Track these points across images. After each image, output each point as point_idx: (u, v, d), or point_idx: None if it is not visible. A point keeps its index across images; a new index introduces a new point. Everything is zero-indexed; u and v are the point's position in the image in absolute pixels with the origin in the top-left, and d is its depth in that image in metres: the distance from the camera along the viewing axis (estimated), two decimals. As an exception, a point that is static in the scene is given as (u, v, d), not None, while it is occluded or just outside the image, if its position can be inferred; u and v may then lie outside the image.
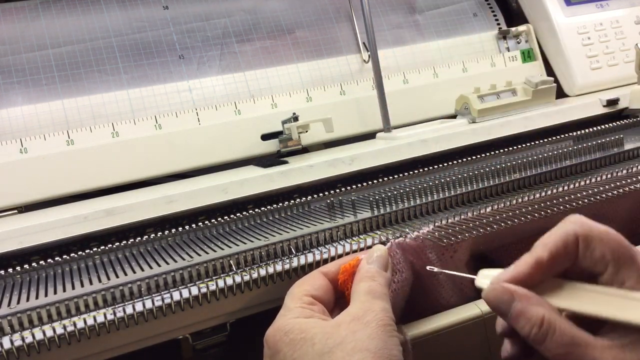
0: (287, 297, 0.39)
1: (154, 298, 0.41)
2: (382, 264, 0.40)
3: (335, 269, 0.41)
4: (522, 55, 0.89)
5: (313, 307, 0.38)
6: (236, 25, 0.79)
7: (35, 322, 0.39)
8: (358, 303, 0.37)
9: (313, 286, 0.39)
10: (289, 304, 0.38)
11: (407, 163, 0.66)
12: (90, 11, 0.75)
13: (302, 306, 0.37)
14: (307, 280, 0.40)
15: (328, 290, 0.40)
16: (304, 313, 0.37)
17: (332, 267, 0.42)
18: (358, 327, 0.34)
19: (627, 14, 0.91)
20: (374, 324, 0.34)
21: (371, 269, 0.40)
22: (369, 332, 0.34)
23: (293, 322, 0.36)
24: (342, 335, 0.34)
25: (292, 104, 0.77)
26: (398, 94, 0.81)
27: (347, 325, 0.34)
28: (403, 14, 0.88)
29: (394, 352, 0.34)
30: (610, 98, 0.77)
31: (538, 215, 0.47)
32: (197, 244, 0.50)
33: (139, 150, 0.70)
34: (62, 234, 0.53)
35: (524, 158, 0.58)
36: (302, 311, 0.37)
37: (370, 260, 0.40)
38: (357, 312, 0.36)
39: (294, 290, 0.39)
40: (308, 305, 0.38)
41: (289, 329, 0.35)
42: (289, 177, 0.62)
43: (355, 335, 0.34)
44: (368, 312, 0.35)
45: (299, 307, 0.37)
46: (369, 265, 0.40)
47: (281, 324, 0.36)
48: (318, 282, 0.40)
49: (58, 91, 0.70)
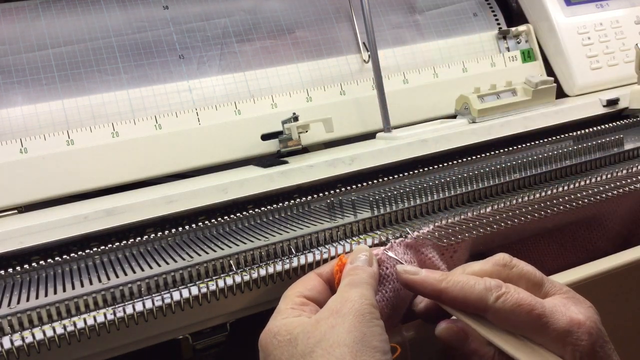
0: (281, 299, 0.39)
1: (154, 298, 0.41)
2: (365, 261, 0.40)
3: (330, 269, 0.41)
4: (522, 55, 0.89)
5: (304, 308, 0.37)
6: (236, 25, 0.79)
7: (35, 322, 0.39)
8: (336, 295, 0.37)
9: (306, 287, 0.39)
10: (281, 306, 0.38)
11: (407, 163, 0.66)
12: (90, 11, 0.75)
13: (293, 307, 0.37)
14: (301, 281, 0.40)
15: (322, 290, 0.40)
16: (294, 313, 0.37)
17: (327, 267, 0.42)
18: (336, 322, 0.34)
19: (627, 14, 0.91)
20: (350, 316, 0.34)
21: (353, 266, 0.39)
22: (347, 326, 0.33)
23: (281, 323, 0.36)
24: (321, 332, 0.33)
25: (292, 104, 0.77)
26: (398, 94, 0.81)
27: (326, 321, 0.34)
28: (403, 14, 0.88)
29: (374, 342, 0.33)
30: (610, 98, 0.77)
31: (538, 215, 0.47)
32: (197, 244, 0.50)
33: (139, 150, 0.70)
34: (62, 234, 0.53)
35: (524, 158, 0.58)
36: (292, 312, 0.37)
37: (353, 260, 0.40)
38: (334, 305, 0.35)
39: (287, 292, 0.39)
40: (299, 305, 0.37)
41: (277, 331, 0.35)
42: (289, 177, 0.62)
43: (333, 330, 0.33)
44: (345, 304, 0.35)
45: (289, 308, 0.37)
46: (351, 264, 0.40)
47: (271, 327, 0.36)
48: (311, 283, 0.40)
49: (58, 91, 0.70)
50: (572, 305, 0.36)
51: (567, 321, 0.35)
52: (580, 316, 0.35)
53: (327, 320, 0.34)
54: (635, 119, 0.74)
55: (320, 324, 0.34)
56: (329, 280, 0.41)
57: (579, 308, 0.36)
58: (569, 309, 0.35)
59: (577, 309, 0.36)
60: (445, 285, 0.37)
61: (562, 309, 0.35)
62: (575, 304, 0.36)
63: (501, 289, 0.36)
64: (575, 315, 0.35)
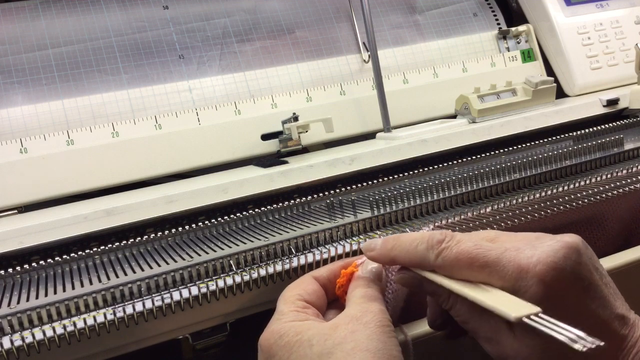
0: (280, 301, 0.39)
1: (154, 298, 0.41)
2: (376, 275, 0.40)
3: (326, 273, 0.41)
4: (522, 55, 0.89)
5: (307, 311, 0.38)
6: (236, 25, 0.79)
7: (35, 322, 0.39)
8: (355, 305, 0.37)
9: (306, 290, 0.39)
10: (283, 308, 0.38)
11: (407, 163, 0.66)
12: (90, 11, 0.75)
13: (297, 309, 0.37)
14: (299, 284, 0.40)
15: (320, 295, 0.40)
16: (299, 317, 0.37)
17: (323, 271, 0.42)
18: (357, 328, 0.34)
19: (627, 14, 0.91)
20: (372, 325, 0.34)
21: (365, 277, 0.40)
22: (368, 333, 0.34)
23: (288, 325, 0.36)
24: (341, 335, 0.34)
25: (292, 104, 0.77)
26: (398, 94, 0.81)
27: (346, 326, 0.34)
28: (403, 14, 0.88)
29: (394, 352, 0.33)
30: (610, 98, 0.77)
31: (538, 215, 0.47)
32: (197, 244, 0.50)
33: (139, 150, 0.70)
34: (62, 234, 0.53)
35: (524, 158, 0.58)
36: (297, 315, 0.37)
37: (364, 271, 0.41)
38: (355, 313, 0.36)
39: (286, 294, 0.39)
40: (302, 309, 0.38)
41: (284, 332, 0.35)
42: (289, 177, 0.62)
43: (354, 335, 0.34)
44: (366, 313, 0.35)
45: (293, 310, 0.37)
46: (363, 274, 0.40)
47: (275, 328, 0.36)
48: (310, 287, 0.40)
49: (58, 91, 0.70)
50: (528, 248, 0.33)
51: (514, 268, 0.33)
52: (532, 260, 0.32)
53: (347, 326, 0.34)
54: (635, 119, 0.74)
55: (340, 328, 0.34)
56: (325, 285, 0.41)
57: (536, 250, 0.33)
58: (520, 254, 0.33)
59: (531, 252, 0.33)
60: (394, 253, 0.38)
61: (511, 254, 0.33)
62: (533, 246, 0.33)
63: (441, 245, 0.35)
64: (525, 261, 0.32)
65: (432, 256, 0.35)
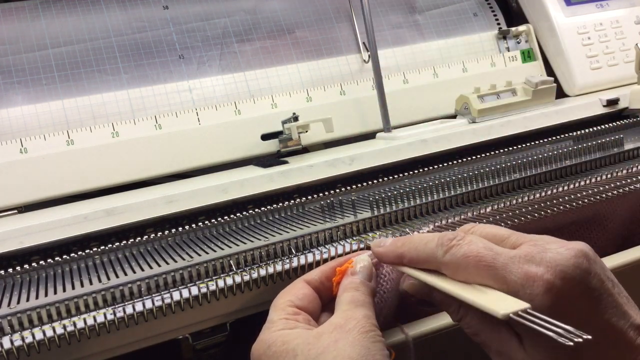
0: (271, 309, 0.39)
1: (154, 298, 0.41)
2: (367, 275, 0.40)
3: (318, 275, 0.41)
4: (522, 55, 0.89)
5: (297, 317, 0.37)
6: (236, 25, 0.79)
7: (35, 322, 0.39)
8: (340, 312, 0.37)
9: (297, 296, 0.39)
10: (273, 316, 0.38)
11: (407, 163, 0.66)
12: (90, 11, 0.75)
13: (287, 317, 0.37)
14: (290, 290, 0.40)
15: (312, 299, 0.40)
16: (288, 324, 0.36)
17: (315, 274, 0.41)
18: (340, 336, 0.34)
19: (627, 14, 0.91)
20: (355, 332, 0.34)
21: (355, 279, 0.39)
22: (350, 340, 0.33)
23: (276, 334, 0.36)
24: (324, 344, 0.33)
25: (292, 104, 0.77)
26: (398, 94, 0.81)
27: (329, 335, 0.34)
28: (403, 14, 0.88)
29: (377, 357, 0.33)
30: (610, 98, 0.77)
31: (538, 215, 0.47)
32: (197, 244, 0.50)
33: (139, 150, 0.70)
34: (62, 234, 0.53)
35: (524, 158, 0.58)
36: (287, 323, 0.37)
37: (354, 271, 0.40)
38: (338, 321, 0.35)
39: (277, 301, 0.39)
40: (292, 315, 0.37)
41: (272, 342, 0.35)
42: (289, 177, 0.62)
43: (337, 344, 0.33)
44: (349, 320, 0.35)
45: (282, 318, 0.37)
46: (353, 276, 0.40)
47: (264, 338, 0.36)
48: (301, 292, 0.40)
49: (58, 91, 0.70)
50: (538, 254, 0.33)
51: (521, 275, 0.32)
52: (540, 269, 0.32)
53: (331, 335, 0.34)
54: (635, 119, 0.74)
55: (323, 337, 0.34)
56: (318, 288, 0.40)
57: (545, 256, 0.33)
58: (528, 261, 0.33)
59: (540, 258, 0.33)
60: (402, 250, 0.38)
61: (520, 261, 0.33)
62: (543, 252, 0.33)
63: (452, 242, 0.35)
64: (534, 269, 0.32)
65: (440, 252, 0.35)
